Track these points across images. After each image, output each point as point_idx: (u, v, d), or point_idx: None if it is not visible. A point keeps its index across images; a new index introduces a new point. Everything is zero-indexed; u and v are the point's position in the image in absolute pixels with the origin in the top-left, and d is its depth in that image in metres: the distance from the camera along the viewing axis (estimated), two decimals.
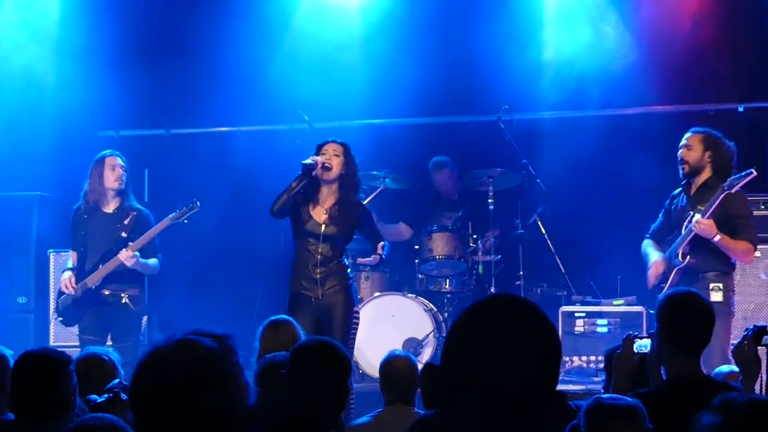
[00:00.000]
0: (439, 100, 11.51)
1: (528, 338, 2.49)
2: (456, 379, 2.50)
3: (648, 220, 10.20)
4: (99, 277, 8.88)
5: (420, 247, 10.65)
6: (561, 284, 10.89)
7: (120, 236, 8.94)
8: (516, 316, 2.53)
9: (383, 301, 10.41)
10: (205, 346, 2.62)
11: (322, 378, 4.41)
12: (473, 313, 2.57)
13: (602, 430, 4.11)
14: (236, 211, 11.38)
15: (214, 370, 2.61)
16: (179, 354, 2.61)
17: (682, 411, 3.86)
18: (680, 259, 8.28)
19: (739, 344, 4.90)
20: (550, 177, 10.89)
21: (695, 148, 8.37)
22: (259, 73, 11.61)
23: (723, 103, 10.97)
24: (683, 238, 8.28)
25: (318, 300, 8.28)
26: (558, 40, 11.05)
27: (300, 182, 8.28)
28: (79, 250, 9.07)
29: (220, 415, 2.59)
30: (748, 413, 3.00)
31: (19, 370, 4.59)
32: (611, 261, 10.67)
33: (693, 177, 8.41)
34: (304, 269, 8.36)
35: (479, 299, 2.65)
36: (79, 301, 8.93)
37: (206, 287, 11.28)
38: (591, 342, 10.06)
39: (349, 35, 11.62)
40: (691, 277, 8.26)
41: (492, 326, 2.50)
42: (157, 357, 2.63)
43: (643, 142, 10.87)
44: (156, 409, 2.58)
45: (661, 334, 4.83)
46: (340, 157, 8.40)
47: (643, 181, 10.55)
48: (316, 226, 8.34)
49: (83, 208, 9.07)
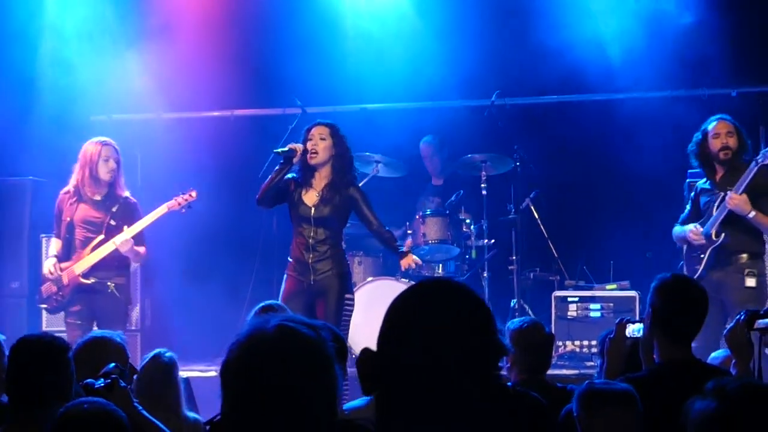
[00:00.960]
0: (431, 85, 11.49)
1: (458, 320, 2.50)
2: (389, 363, 2.52)
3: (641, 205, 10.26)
4: (88, 265, 8.81)
5: (413, 231, 10.65)
6: (554, 269, 10.90)
7: (108, 224, 8.88)
8: (447, 298, 2.55)
9: (376, 286, 10.41)
10: (305, 334, 2.61)
11: None
12: (406, 297, 2.59)
13: (595, 415, 4.12)
14: (229, 196, 11.36)
15: (313, 358, 2.59)
16: (281, 341, 2.58)
17: (673, 395, 3.88)
18: (714, 238, 8.31)
19: (732, 329, 4.92)
20: (543, 162, 10.90)
21: (735, 134, 8.46)
22: (252, 57, 11.59)
23: (716, 88, 10.97)
24: (715, 219, 8.34)
25: (310, 285, 8.31)
26: (550, 25, 11.02)
27: (281, 171, 8.32)
28: (65, 237, 8.95)
29: (317, 403, 2.58)
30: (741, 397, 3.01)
31: (17, 355, 4.57)
32: (604, 246, 10.71)
33: (727, 163, 8.44)
34: (298, 254, 8.38)
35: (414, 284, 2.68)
36: (64, 288, 8.86)
37: (198, 272, 11.27)
38: (584, 327, 10.08)
39: (342, 20, 11.60)
40: (724, 259, 8.34)
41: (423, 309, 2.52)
42: (256, 342, 2.59)
43: (636, 127, 10.88)
44: (255, 394, 2.56)
45: (653, 319, 4.84)
46: (327, 140, 8.40)
47: (636, 166, 10.57)
48: (307, 209, 8.36)
49: (71, 192, 8.95)
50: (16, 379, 4.54)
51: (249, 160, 10.84)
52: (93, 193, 8.92)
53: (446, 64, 11.28)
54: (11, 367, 4.57)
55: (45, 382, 4.46)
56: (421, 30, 11.41)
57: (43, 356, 4.51)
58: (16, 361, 4.57)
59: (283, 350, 2.58)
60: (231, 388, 2.62)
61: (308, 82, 11.33)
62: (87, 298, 8.85)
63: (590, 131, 11.19)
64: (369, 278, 10.56)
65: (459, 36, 11.29)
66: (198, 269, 11.33)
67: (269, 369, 2.56)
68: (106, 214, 8.89)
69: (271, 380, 2.55)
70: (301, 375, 2.56)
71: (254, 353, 2.60)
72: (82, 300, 8.85)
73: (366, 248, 11.03)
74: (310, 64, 11.30)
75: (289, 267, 8.45)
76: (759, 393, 3.07)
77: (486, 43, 11.13)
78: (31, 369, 4.49)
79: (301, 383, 2.56)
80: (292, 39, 11.47)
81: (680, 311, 4.79)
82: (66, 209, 8.95)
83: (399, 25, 11.40)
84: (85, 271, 8.81)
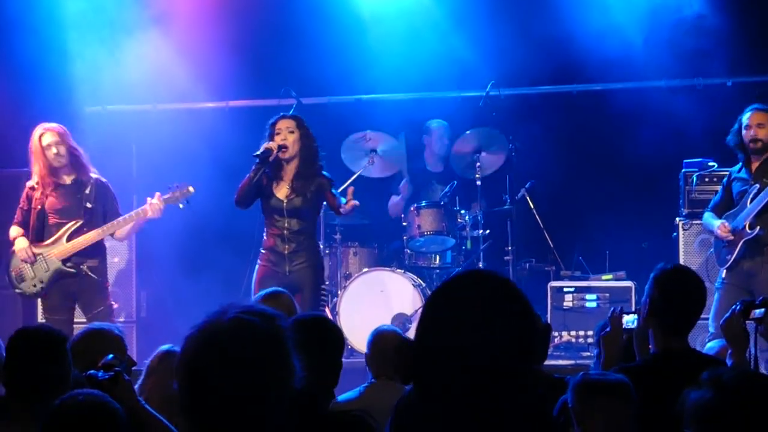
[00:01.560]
0: (426, 76, 11.47)
1: (499, 313, 2.48)
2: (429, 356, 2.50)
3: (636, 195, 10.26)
4: (74, 249, 8.77)
5: (408, 223, 10.63)
6: (550, 259, 10.90)
7: (85, 207, 8.84)
8: (488, 290, 2.52)
9: (372, 277, 10.40)
10: (259, 325, 2.60)
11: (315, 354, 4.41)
12: (445, 289, 2.57)
13: (590, 405, 4.12)
14: (224, 187, 11.33)
15: (267, 349, 2.59)
16: (235, 332, 2.58)
17: (668, 384, 3.88)
18: (748, 230, 8.32)
19: (728, 319, 4.92)
20: (539, 152, 10.89)
21: (767, 126, 8.47)
22: (247, 48, 11.57)
23: (711, 78, 10.96)
24: (750, 211, 8.35)
25: (285, 275, 8.43)
26: (546, 15, 11.01)
27: (258, 171, 8.46)
28: (34, 224, 8.87)
29: (270, 394, 2.58)
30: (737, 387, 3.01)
31: (14, 347, 4.57)
32: (600, 236, 10.71)
33: (761, 154, 8.48)
34: (273, 245, 8.53)
35: (452, 275, 2.65)
36: (43, 273, 8.81)
37: (194, 264, 11.26)
38: (580, 317, 10.09)
39: (337, 10, 11.57)
40: (755, 249, 8.36)
41: (463, 301, 2.50)
42: (211, 334, 2.58)
43: (631, 117, 10.87)
44: (208, 385, 2.55)
45: (650, 309, 4.85)
46: (295, 132, 8.55)
47: (631, 156, 10.58)
48: (279, 201, 8.52)
49: (37, 186, 8.87)
50: (14, 372, 4.53)
51: (244, 151, 10.79)
52: (58, 179, 8.87)
53: (441, 54, 11.25)
54: (9, 360, 4.56)
55: (43, 374, 4.46)
56: (416, 20, 11.38)
57: (42, 348, 4.51)
58: (13, 353, 4.56)
59: (238, 343, 2.57)
60: (185, 382, 2.61)
61: (303, 73, 11.32)
62: (65, 283, 8.83)
63: (586, 121, 11.19)
64: (364, 269, 10.56)
65: (454, 26, 11.27)
66: (193, 260, 11.32)
67: (224, 363, 2.55)
68: (79, 198, 8.85)
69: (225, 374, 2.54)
70: (252, 365, 2.55)
71: (209, 346, 2.58)
72: (61, 287, 8.83)
73: (361, 239, 11.02)
74: (305, 54, 11.29)
75: (262, 257, 8.59)
76: (755, 383, 3.07)
77: (481, 34, 11.11)
78: (30, 361, 4.48)
79: (252, 373, 2.55)
80: (287, 30, 11.45)
81: (679, 302, 4.80)
82: (35, 200, 8.87)
83: (394, 16, 11.37)
84: (65, 258, 8.78)
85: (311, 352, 4.37)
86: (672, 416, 3.16)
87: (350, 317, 10.05)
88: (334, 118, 11.38)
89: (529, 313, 2.52)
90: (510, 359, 2.47)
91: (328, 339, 4.59)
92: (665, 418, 3.50)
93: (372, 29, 11.34)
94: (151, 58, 11.47)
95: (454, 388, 2.46)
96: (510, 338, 2.47)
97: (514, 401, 2.49)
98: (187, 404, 2.60)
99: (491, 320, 2.46)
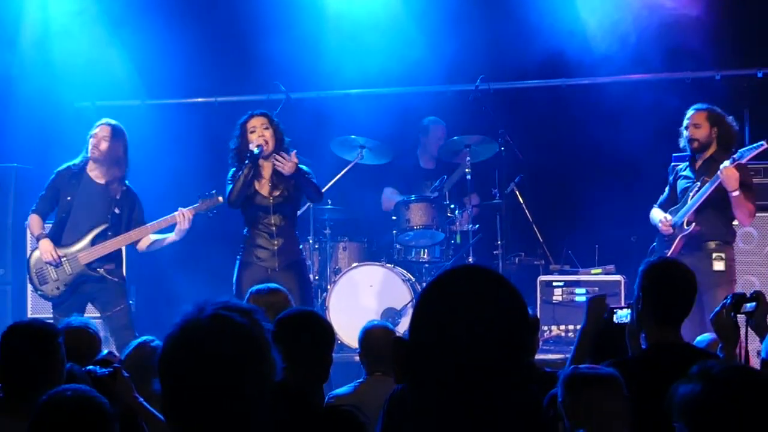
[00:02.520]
0: (416, 70, 11.46)
1: (493, 308, 2.48)
2: (423, 351, 2.50)
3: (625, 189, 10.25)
4: (99, 253, 8.73)
5: (398, 217, 10.63)
6: (539, 253, 10.91)
7: (113, 211, 8.81)
8: (481, 286, 2.52)
9: (361, 272, 10.40)
10: (237, 321, 2.60)
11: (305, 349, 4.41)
12: (438, 284, 2.57)
13: (580, 399, 4.13)
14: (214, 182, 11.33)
15: (246, 345, 2.58)
16: (213, 329, 2.57)
17: (660, 377, 3.88)
18: (686, 227, 8.55)
19: (717, 312, 4.93)
20: (528, 146, 10.90)
21: (703, 126, 8.68)
22: (236, 43, 11.57)
23: (700, 71, 10.98)
24: (689, 207, 8.56)
25: (273, 271, 8.50)
26: (534, 9, 11.00)
27: (250, 170, 8.52)
28: (60, 216, 8.81)
29: (251, 390, 2.58)
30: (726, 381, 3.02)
31: (7, 342, 4.57)
32: (589, 230, 10.71)
33: (701, 153, 8.69)
34: (260, 241, 8.60)
35: (443, 271, 2.65)
36: (66, 276, 8.75)
37: (185, 260, 11.24)
38: (569, 311, 10.10)
39: (326, 5, 11.57)
40: (694, 245, 8.58)
41: (457, 297, 2.50)
42: (189, 332, 2.58)
43: (620, 111, 10.88)
44: (188, 383, 2.56)
45: (641, 303, 4.87)
46: (269, 128, 8.64)
47: (620, 149, 10.58)
48: (264, 199, 8.62)
49: (74, 171, 8.81)
50: (7, 366, 4.54)
51: None
52: (97, 175, 8.84)
53: (430, 48, 11.25)
54: (3, 354, 4.56)
55: (36, 369, 4.46)
56: (405, 14, 11.38)
57: (35, 342, 4.51)
58: (7, 348, 4.56)
59: (215, 337, 2.57)
60: (166, 380, 2.61)
61: (292, 68, 11.31)
62: (85, 287, 8.80)
63: (574, 115, 11.19)
64: (354, 264, 10.56)
65: (443, 20, 11.26)
66: (184, 256, 11.31)
67: (202, 361, 2.55)
68: (109, 201, 8.82)
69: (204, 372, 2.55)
70: (231, 361, 2.55)
71: (188, 345, 2.58)
72: (78, 290, 8.79)
73: (351, 234, 11.03)
74: (293, 49, 11.26)
75: (247, 254, 8.63)
76: (744, 377, 3.08)
77: (470, 28, 11.11)
78: (22, 355, 4.49)
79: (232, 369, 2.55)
80: (276, 24, 11.42)
81: (668, 294, 4.84)
82: (65, 187, 8.81)
83: (383, 9, 11.36)
84: (89, 262, 8.75)
85: (301, 347, 4.39)
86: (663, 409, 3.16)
87: (340, 312, 10.05)
88: (323, 112, 11.40)
89: (522, 308, 2.52)
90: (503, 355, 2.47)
91: (318, 334, 4.60)
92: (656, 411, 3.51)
93: (360, 24, 11.32)
94: (140, 54, 11.46)
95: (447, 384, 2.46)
96: (503, 334, 2.47)
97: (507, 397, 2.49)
98: (169, 404, 2.61)
99: (484, 316, 2.46)
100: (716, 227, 8.60)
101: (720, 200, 8.48)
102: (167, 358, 2.61)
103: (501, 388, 2.47)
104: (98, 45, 11.29)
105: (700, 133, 8.64)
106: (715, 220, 8.58)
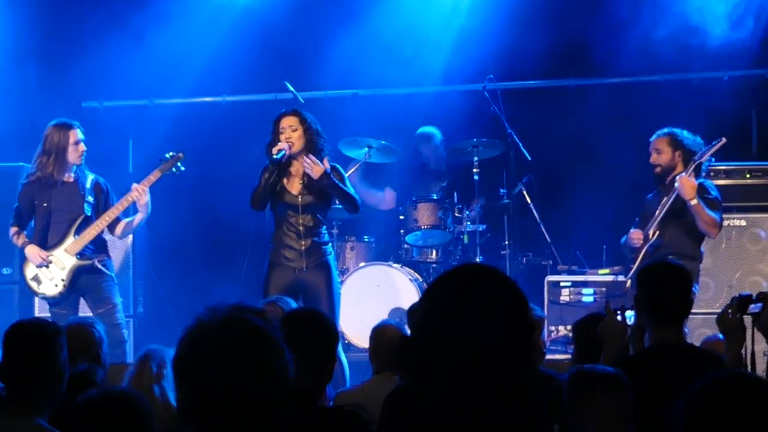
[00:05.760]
0: (424, 70, 11.46)
1: (496, 306, 2.48)
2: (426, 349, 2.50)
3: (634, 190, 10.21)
4: (83, 242, 8.77)
5: (405, 217, 10.63)
6: (546, 254, 10.88)
7: (87, 200, 8.82)
8: (484, 284, 2.52)
9: (368, 272, 10.41)
10: (254, 322, 2.62)
11: (310, 348, 4.41)
12: (442, 283, 2.57)
13: (584, 398, 4.12)
14: (221, 183, 11.34)
15: (263, 346, 2.60)
16: (230, 330, 2.59)
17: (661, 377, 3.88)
18: (651, 238, 8.61)
19: (723, 313, 4.93)
20: (536, 147, 10.88)
21: (664, 151, 8.73)
22: (243, 42, 11.56)
23: (708, 72, 10.95)
24: (654, 218, 8.62)
25: (301, 272, 8.35)
26: (543, 9, 11.00)
27: (272, 173, 8.34)
28: (41, 224, 8.82)
29: (268, 390, 2.59)
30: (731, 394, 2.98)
31: (10, 340, 4.56)
32: (597, 230, 10.69)
33: (665, 177, 8.71)
34: (288, 241, 8.40)
35: (448, 269, 2.64)
36: (60, 271, 8.76)
37: (190, 258, 11.26)
38: (576, 311, 10.04)
39: (334, 5, 11.57)
40: (662, 256, 8.43)
41: (460, 296, 2.49)
42: (203, 333, 2.60)
43: (628, 111, 10.87)
44: (204, 384, 2.57)
45: (641, 304, 4.89)
46: (298, 129, 8.41)
47: (628, 151, 10.55)
48: (294, 198, 8.41)
49: (41, 180, 8.78)
50: (10, 366, 4.53)
51: (241, 147, 10.81)
52: (63, 176, 8.81)
53: (439, 48, 11.25)
54: (6, 354, 4.56)
55: (38, 367, 4.45)
56: (414, 15, 11.37)
57: (37, 341, 4.50)
58: (10, 347, 4.56)
59: (231, 341, 2.58)
60: (183, 382, 2.63)
61: (300, 68, 11.31)
62: (80, 280, 8.81)
63: (583, 116, 11.17)
64: (361, 263, 10.56)
65: (451, 21, 11.26)
66: (190, 254, 11.33)
67: (218, 362, 2.57)
68: (82, 194, 8.82)
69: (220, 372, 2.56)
70: (249, 362, 2.57)
71: (203, 346, 2.60)
72: (77, 284, 8.81)
73: (359, 233, 11.03)
74: (302, 49, 11.28)
75: (275, 255, 8.45)
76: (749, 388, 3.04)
77: (479, 28, 11.10)
78: (24, 354, 4.48)
79: (249, 370, 2.57)
80: (284, 24, 11.44)
81: (664, 294, 4.86)
82: (38, 196, 8.82)
83: (391, 9, 11.36)
84: (77, 251, 8.76)
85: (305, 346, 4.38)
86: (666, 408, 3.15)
87: (347, 312, 10.03)
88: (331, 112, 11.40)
89: (525, 308, 2.52)
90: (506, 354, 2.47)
91: (322, 333, 4.59)
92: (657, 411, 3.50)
93: (369, 24, 11.32)
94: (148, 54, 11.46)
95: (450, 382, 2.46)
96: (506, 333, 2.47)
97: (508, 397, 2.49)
98: (185, 405, 2.62)
99: (488, 315, 2.46)
100: (680, 241, 8.58)
101: (682, 211, 8.50)
102: (182, 359, 2.62)
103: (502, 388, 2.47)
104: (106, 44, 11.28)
105: (662, 159, 8.69)
106: (679, 234, 8.59)
